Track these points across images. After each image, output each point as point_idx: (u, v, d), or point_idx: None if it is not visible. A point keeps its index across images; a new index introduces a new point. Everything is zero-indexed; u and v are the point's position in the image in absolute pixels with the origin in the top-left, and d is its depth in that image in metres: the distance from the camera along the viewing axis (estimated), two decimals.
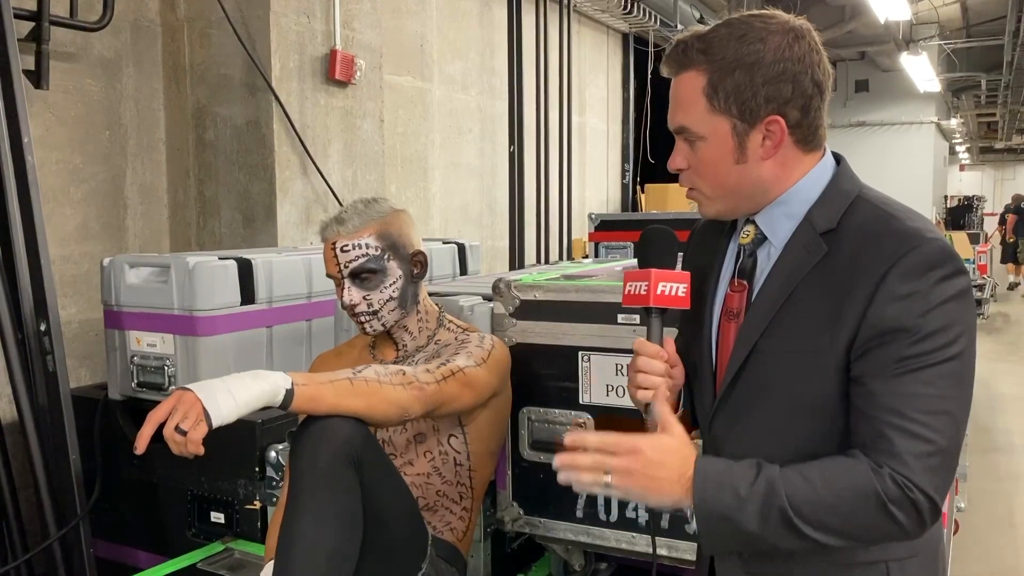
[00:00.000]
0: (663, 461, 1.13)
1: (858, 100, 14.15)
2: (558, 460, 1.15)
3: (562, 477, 1.15)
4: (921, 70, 11.50)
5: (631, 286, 1.29)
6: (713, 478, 1.12)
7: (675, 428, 1.17)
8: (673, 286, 1.26)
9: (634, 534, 1.97)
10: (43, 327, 2.41)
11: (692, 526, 1.88)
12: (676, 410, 1.36)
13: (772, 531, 1.10)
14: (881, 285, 1.10)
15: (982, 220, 18.24)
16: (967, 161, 23.47)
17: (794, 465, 1.12)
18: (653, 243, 1.32)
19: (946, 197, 19.28)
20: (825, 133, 1.24)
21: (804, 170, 1.22)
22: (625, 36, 7.44)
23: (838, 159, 1.26)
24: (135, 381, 2.49)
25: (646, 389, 1.25)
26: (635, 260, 3.03)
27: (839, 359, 1.14)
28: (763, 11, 1.22)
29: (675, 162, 1.25)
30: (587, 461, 1.13)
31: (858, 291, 1.12)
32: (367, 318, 1.84)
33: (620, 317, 1.93)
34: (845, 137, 13.63)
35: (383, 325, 1.86)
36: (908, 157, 14.08)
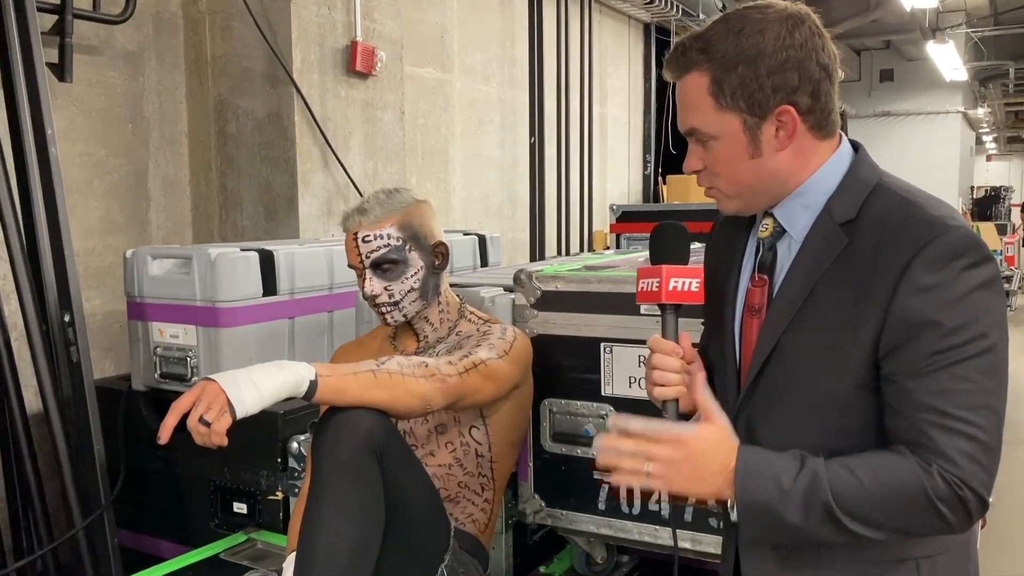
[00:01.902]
0: (708, 451, 1.12)
1: (883, 90, 13.97)
2: (600, 441, 1.13)
3: (601, 460, 1.13)
4: (947, 59, 11.33)
5: (644, 283, 1.27)
6: (756, 470, 1.11)
7: (718, 418, 1.15)
8: (685, 281, 1.24)
9: (657, 527, 1.96)
10: (67, 318, 2.43)
11: (715, 520, 1.86)
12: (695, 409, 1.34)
13: (814, 523, 1.08)
14: (904, 276, 1.08)
15: (1009, 211, 17.98)
16: (994, 151, 23.13)
17: (840, 458, 1.10)
18: (664, 238, 1.30)
19: (972, 188, 19.03)
20: (839, 118, 1.21)
21: (821, 158, 1.20)
22: (647, 26, 7.38)
23: (856, 147, 1.23)
24: (158, 372, 2.50)
25: (662, 386, 1.24)
26: None
27: (864, 354, 1.12)
28: (758, 2, 1.19)
29: (690, 164, 1.23)
30: (630, 446, 1.12)
31: (881, 283, 1.10)
32: (388, 309, 1.84)
33: (643, 308, 1.91)
34: (870, 127, 13.47)
35: (404, 316, 1.86)
36: (934, 147, 13.89)
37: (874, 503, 1.08)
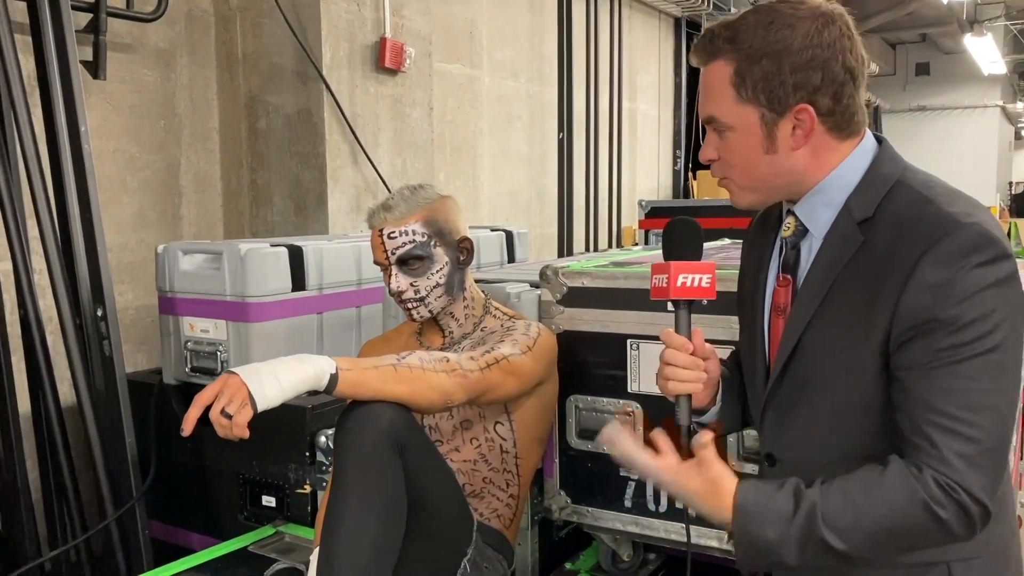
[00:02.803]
0: (683, 486, 1.18)
1: (918, 84, 13.74)
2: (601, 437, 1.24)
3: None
4: (986, 51, 11.12)
5: (656, 279, 1.28)
6: (755, 511, 1.12)
7: (710, 468, 1.16)
8: (695, 277, 1.25)
9: (684, 525, 1.94)
10: (100, 312, 2.47)
11: None
12: (713, 402, 1.34)
13: (813, 557, 1.10)
14: (913, 274, 1.06)
15: None
16: None
17: (838, 481, 1.10)
18: (676, 235, 1.30)
19: (1011, 183, 18.67)
20: (864, 119, 1.20)
21: (840, 157, 1.18)
22: (677, 20, 7.32)
23: (880, 140, 1.22)
24: (189, 366, 2.53)
25: (674, 382, 1.25)
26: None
27: (875, 352, 1.11)
28: None
29: (706, 152, 1.23)
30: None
31: (891, 281, 1.08)
32: (414, 304, 1.84)
33: (669, 304, 1.90)
34: (905, 122, 13.25)
35: (430, 312, 1.86)
36: (971, 142, 13.63)
37: (873, 526, 1.07)
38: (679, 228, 1.31)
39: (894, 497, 1.07)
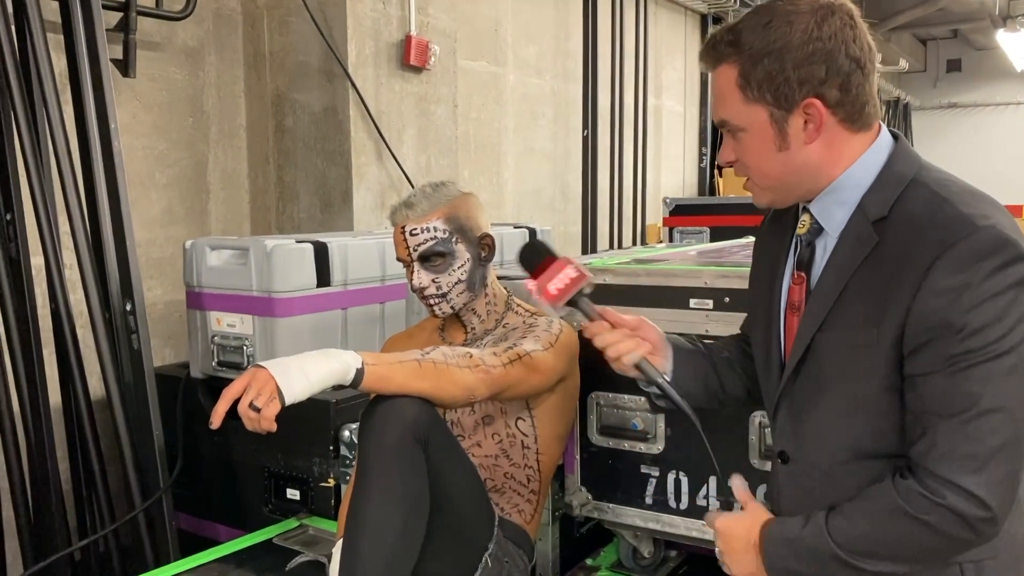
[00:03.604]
0: (733, 533, 1.28)
1: (949, 80, 13.54)
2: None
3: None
4: (1019, 47, 10.93)
5: (541, 300, 1.39)
6: (775, 545, 1.20)
7: (752, 507, 1.27)
8: (560, 277, 1.35)
9: (704, 522, 1.94)
10: (129, 307, 2.50)
11: None
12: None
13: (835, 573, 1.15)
14: (927, 277, 1.06)
15: None
16: None
17: (842, 508, 1.15)
18: (524, 260, 1.42)
19: None
20: (875, 110, 1.19)
21: (854, 150, 1.18)
22: (703, 17, 7.28)
23: (896, 137, 1.21)
24: (215, 360, 2.57)
25: (621, 356, 1.33)
26: (711, 245, 2.98)
27: (887, 354, 1.11)
28: None
29: (724, 155, 1.25)
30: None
31: (905, 283, 1.08)
32: (436, 301, 1.86)
33: (692, 302, 1.90)
34: (935, 120, 13.08)
35: (452, 308, 1.87)
36: (1003, 140, 13.40)
37: (876, 536, 1.11)
38: (523, 252, 1.43)
39: (879, 510, 1.11)
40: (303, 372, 1.44)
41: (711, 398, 1.44)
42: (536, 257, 1.39)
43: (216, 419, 1.40)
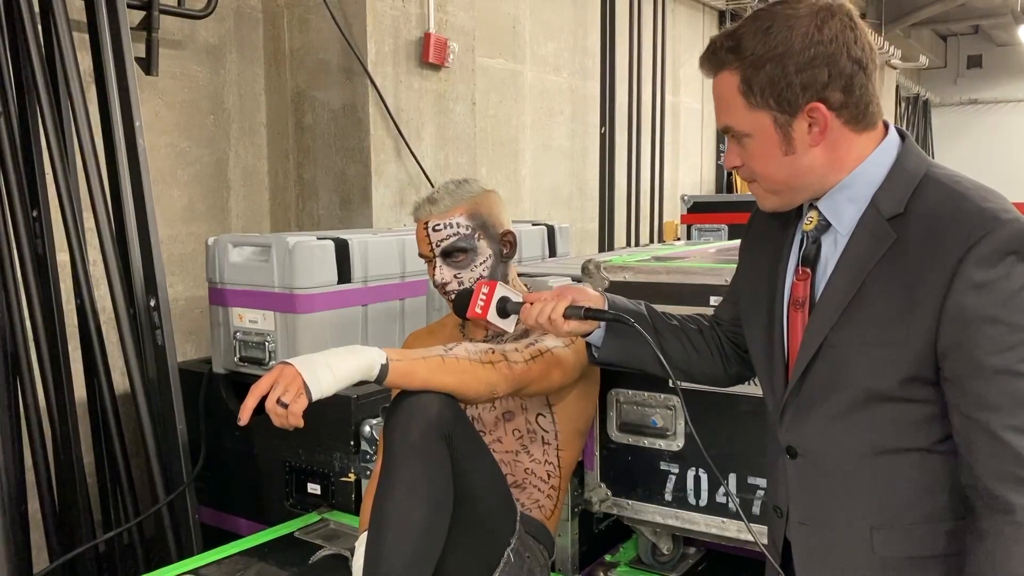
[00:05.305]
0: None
1: (970, 77, 13.42)
2: None
3: None
4: None
5: (484, 323, 1.64)
6: None
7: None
8: (480, 298, 1.62)
9: (724, 519, 1.94)
10: (152, 303, 2.53)
11: None
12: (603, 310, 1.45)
13: None
14: (958, 273, 1.06)
15: None
16: None
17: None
18: (460, 311, 1.72)
19: None
20: (879, 109, 1.19)
21: (861, 150, 1.18)
22: (721, 13, 7.25)
23: (902, 135, 1.21)
24: (237, 356, 2.59)
25: (554, 308, 1.43)
26: (728, 243, 2.97)
27: (918, 350, 1.11)
28: None
29: (730, 160, 1.24)
30: None
31: (933, 279, 1.08)
32: None
33: (712, 299, 1.90)
34: (955, 116, 12.97)
35: None
36: None
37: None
38: (456, 307, 1.78)
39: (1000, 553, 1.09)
40: (329, 368, 1.45)
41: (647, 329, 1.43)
42: (464, 300, 1.68)
43: (244, 415, 1.42)
